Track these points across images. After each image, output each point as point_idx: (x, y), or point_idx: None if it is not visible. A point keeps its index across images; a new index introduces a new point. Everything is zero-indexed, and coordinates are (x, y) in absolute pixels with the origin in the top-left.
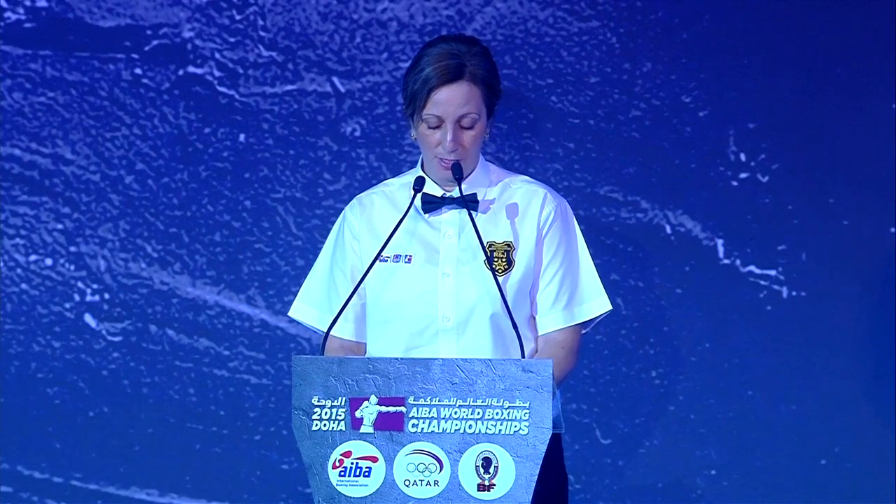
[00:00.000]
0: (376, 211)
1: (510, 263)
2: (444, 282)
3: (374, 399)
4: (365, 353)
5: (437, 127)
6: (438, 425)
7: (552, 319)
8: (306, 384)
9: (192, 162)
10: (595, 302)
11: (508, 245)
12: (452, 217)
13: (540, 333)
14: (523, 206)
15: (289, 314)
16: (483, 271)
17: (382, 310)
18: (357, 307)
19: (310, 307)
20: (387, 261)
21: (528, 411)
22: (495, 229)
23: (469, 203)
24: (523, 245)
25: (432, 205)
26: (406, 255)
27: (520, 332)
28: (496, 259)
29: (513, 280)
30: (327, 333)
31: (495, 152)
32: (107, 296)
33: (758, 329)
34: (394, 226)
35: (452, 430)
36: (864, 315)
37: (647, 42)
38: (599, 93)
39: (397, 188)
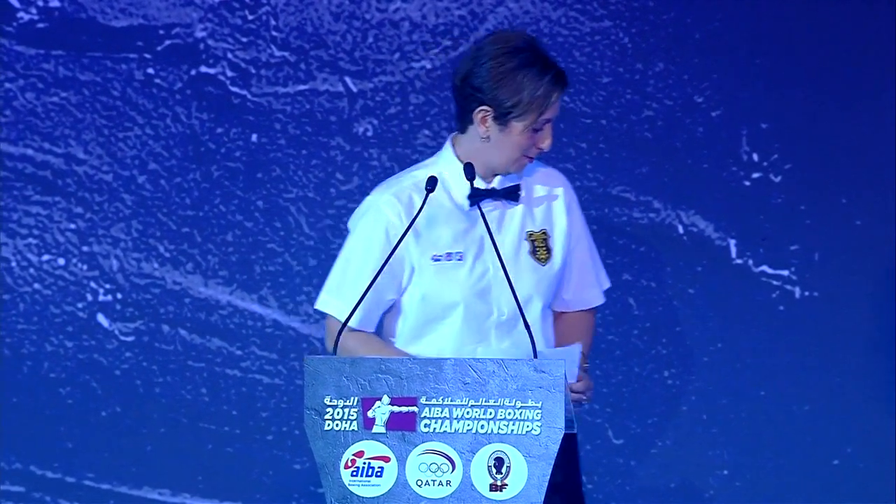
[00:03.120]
0: (415, 207)
1: (549, 251)
2: (497, 276)
3: (386, 399)
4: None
5: (541, 129)
6: (451, 425)
7: (594, 294)
8: (318, 384)
9: (204, 162)
10: (603, 273)
11: (545, 233)
12: (494, 210)
13: (576, 310)
14: (548, 192)
15: (330, 314)
16: (531, 263)
17: (438, 308)
18: (381, 300)
19: (344, 304)
20: (440, 259)
21: (540, 411)
22: (531, 219)
23: (511, 195)
24: (556, 230)
25: (475, 198)
26: (458, 253)
27: (544, 325)
28: (537, 248)
29: (555, 268)
30: (341, 331)
31: None
32: (119, 295)
33: (770, 329)
34: (436, 222)
35: (465, 430)
36: (877, 315)
37: (659, 42)
38: (612, 93)
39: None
